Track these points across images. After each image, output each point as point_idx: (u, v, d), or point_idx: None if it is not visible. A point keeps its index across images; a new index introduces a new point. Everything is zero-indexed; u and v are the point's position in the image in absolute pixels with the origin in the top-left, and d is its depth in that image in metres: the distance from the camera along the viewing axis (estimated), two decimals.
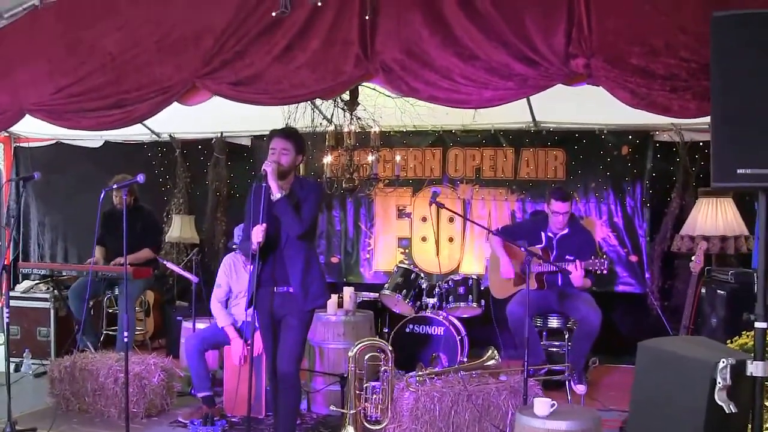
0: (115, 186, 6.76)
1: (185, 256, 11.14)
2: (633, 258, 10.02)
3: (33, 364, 9.65)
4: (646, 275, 10.10)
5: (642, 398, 5.13)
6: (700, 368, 4.58)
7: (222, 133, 11.51)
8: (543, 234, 8.48)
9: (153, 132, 11.39)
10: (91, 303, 10.02)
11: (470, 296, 8.97)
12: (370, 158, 9.25)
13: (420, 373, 7.23)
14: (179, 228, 11.09)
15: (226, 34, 7.18)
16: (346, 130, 9.06)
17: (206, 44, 7.17)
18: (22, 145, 12.03)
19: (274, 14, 6.50)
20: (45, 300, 9.96)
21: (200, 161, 11.81)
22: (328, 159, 9.15)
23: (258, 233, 6.12)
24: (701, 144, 9.95)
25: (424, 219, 10.99)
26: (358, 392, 7.10)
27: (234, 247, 8.35)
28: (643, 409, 5.09)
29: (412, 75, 6.75)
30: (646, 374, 5.12)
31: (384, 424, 7.02)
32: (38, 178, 7.44)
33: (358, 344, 7.20)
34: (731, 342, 6.29)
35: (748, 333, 6.14)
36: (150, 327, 10.80)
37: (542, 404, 5.56)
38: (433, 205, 7.16)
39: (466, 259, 10.79)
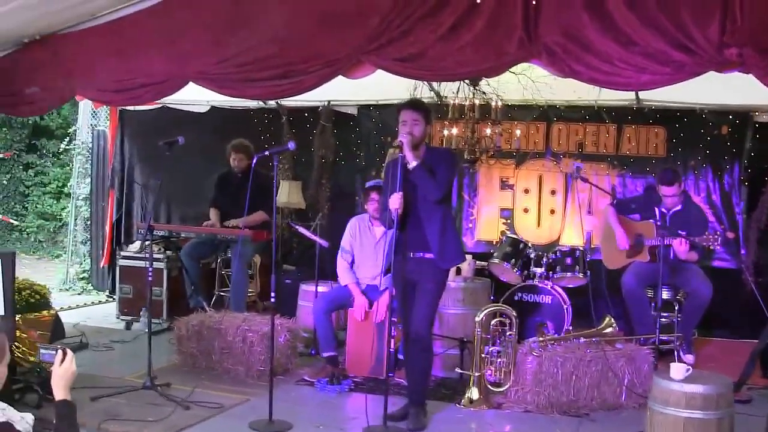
0: (267, 152, 6.92)
1: (289, 221, 11.46)
2: (730, 234, 10.13)
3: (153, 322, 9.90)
4: (742, 251, 10.23)
5: None
6: None
7: (329, 101, 11.63)
8: (657, 209, 8.72)
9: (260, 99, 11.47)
10: (212, 264, 10.39)
11: (577, 267, 9.20)
12: (488, 131, 9.49)
13: (542, 338, 7.51)
14: (287, 193, 11.24)
15: (392, 13, 7.48)
16: (467, 103, 9.31)
17: (372, 22, 7.45)
18: (128, 108, 12.23)
19: None
20: (158, 260, 10.18)
21: (306, 129, 11.91)
22: (453, 131, 9.39)
23: (395, 200, 6.37)
24: None
25: (526, 191, 11.15)
26: (483, 356, 7.42)
27: None
28: None
29: (574, 58, 7.03)
30: None
31: (506, 386, 7.33)
32: (183, 142, 7.69)
33: (485, 309, 7.52)
34: None
35: None
36: (257, 289, 11.05)
37: (678, 369, 5.80)
38: (578, 179, 7.42)
39: (566, 232, 10.97)
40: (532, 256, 9.38)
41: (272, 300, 6.78)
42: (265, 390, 7.28)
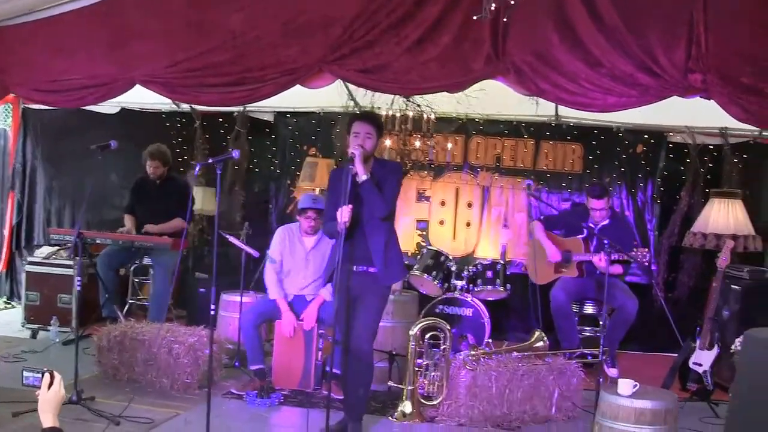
0: (210, 160, 6.67)
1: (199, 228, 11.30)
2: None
3: (60, 331, 9.64)
4: (653, 268, 10.48)
5: (746, 385, 5.36)
6: None
7: (245, 107, 11.36)
8: (584, 225, 8.85)
9: (173, 101, 11.19)
10: (122, 271, 10.09)
11: (497, 280, 9.30)
12: (417, 143, 9.50)
13: (474, 352, 7.53)
14: (200, 200, 11.08)
15: (356, 23, 7.44)
16: (399, 114, 9.31)
17: (335, 31, 7.38)
18: (31, 106, 11.73)
19: (475, 18, 6.63)
20: (67, 267, 9.95)
21: (220, 134, 11.74)
22: (386, 143, 9.39)
23: (345, 214, 6.21)
24: (711, 147, 10.51)
25: (442, 203, 11.23)
26: (416, 369, 7.39)
27: None
28: (747, 394, 5.32)
29: (541, 77, 7.13)
30: (752, 362, 5.36)
31: (439, 399, 7.32)
32: (115, 147, 7.46)
33: (420, 323, 7.50)
34: None
35: None
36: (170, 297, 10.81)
37: (626, 385, 5.91)
38: (531, 196, 7.46)
39: (481, 245, 11.08)
40: (452, 268, 9.41)
41: (212, 312, 6.50)
42: (192, 404, 7.23)
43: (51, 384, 3.79)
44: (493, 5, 6.17)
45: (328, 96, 9.86)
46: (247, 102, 8.61)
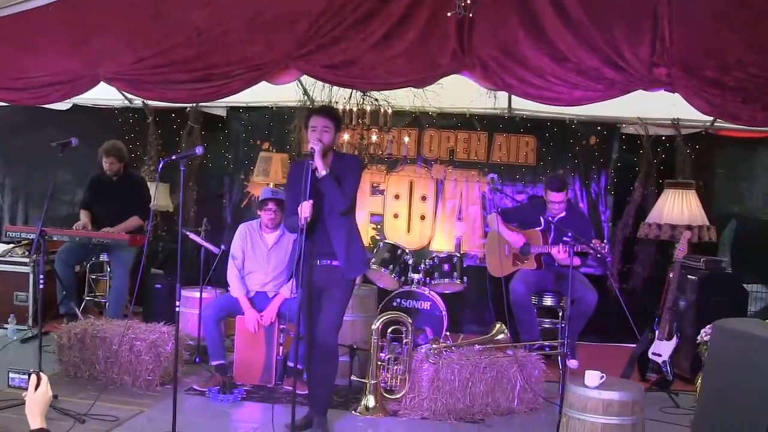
0: (174, 156, 6.60)
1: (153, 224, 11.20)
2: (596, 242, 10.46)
3: (19, 329, 9.52)
4: (607, 259, 10.52)
5: (716, 375, 5.44)
6: None
7: (197, 102, 11.24)
8: (542, 217, 8.90)
9: (125, 97, 11.13)
10: (77, 268, 10.00)
11: (454, 273, 9.31)
12: (374, 137, 9.53)
13: (435, 345, 7.57)
14: (154, 196, 10.99)
15: (322, 19, 7.43)
16: (356, 109, 9.32)
17: (301, 27, 7.36)
18: None
19: (449, 14, 6.66)
20: (23, 264, 9.87)
21: (173, 130, 11.64)
22: (344, 137, 9.38)
23: (306, 209, 6.23)
24: (663, 138, 10.64)
25: (396, 196, 11.26)
26: (379, 363, 7.41)
27: None
28: (716, 386, 5.38)
29: (508, 72, 7.16)
30: (722, 353, 5.42)
31: (401, 393, 7.34)
32: (76, 144, 7.38)
33: (381, 318, 7.51)
34: None
35: None
36: None
37: (592, 376, 5.95)
38: (495, 191, 7.51)
39: (436, 238, 11.14)
40: (409, 262, 9.41)
41: (177, 308, 6.45)
42: (155, 401, 7.20)
43: (38, 385, 3.76)
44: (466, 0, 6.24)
45: (282, 91, 9.74)
46: (214, 98, 8.52)
